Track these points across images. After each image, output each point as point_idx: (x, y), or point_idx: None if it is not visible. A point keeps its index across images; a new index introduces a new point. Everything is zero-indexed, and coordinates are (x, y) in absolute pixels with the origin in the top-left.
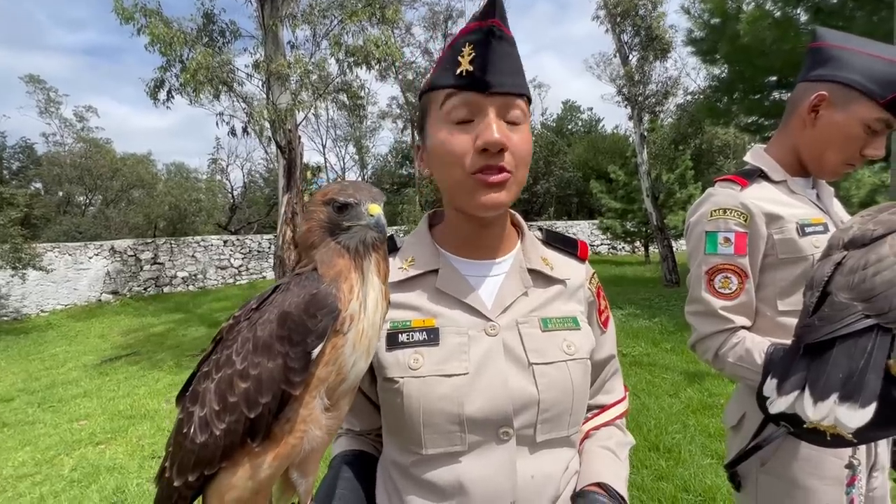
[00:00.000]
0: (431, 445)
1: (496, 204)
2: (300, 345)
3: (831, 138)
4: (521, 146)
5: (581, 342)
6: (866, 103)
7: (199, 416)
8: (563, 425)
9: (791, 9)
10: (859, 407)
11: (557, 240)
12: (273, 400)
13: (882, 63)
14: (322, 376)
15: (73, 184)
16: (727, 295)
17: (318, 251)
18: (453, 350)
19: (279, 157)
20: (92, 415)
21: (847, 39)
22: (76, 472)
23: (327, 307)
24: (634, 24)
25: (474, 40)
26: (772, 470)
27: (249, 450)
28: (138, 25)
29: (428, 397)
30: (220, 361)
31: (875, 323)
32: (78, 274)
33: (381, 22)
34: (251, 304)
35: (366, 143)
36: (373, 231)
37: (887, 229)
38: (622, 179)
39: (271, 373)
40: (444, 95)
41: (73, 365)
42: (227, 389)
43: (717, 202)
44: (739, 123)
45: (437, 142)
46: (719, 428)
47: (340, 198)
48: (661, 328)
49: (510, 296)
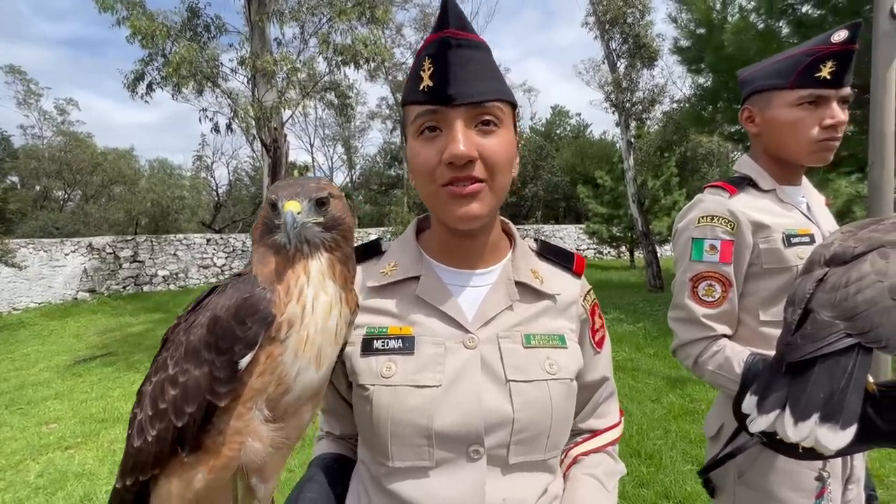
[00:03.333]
0: (398, 458)
1: (471, 216)
2: (226, 353)
3: (778, 131)
4: (496, 151)
5: (566, 362)
6: (779, 94)
7: (139, 419)
8: (539, 448)
9: (774, 21)
10: (840, 428)
11: (552, 252)
12: (198, 410)
13: (773, 63)
14: (257, 387)
15: (51, 178)
16: (710, 303)
17: (257, 249)
18: (428, 360)
19: (264, 156)
20: (62, 418)
21: (752, 66)
22: (42, 478)
23: (259, 313)
24: (623, 31)
25: (432, 53)
26: (749, 481)
27: (180, 459)
28: (118, 16)
29: (397, 408)
30: (158, 365)
31: (856, 342)
32: (53, 271)
33: (371, 21)
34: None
35: (354, 143)
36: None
37: (868, 247)
38: (609, 185)
39: (197, 381)
40: (414, 110)
41: (44, 365)
42: (158, 395)
43: (705, 209)
44: (723, 132)
45: (410, 155)
46: (700, 434)
47: (271, 195)
48: (645, 333)
49: (493, 308)
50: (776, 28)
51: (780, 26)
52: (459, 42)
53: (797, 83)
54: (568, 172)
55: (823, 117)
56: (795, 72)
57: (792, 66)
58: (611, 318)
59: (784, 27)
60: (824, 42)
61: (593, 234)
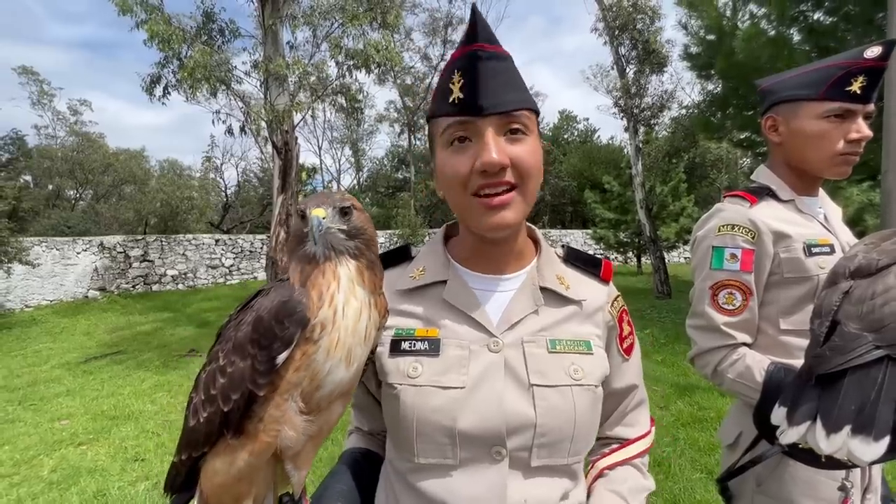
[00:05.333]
0: (423, 455)
1: (503, 225)
2: (266, 349)
3: (803, 143)
4: (526, 158)
5: (591, 368)
6: (807, 105)
7: (194, 402)
8: (562, 453)
9: (785, 28)
10: (873, 440)
11: (578, 258)
12: (241, 398)
13: (805, 74)
14: (293, 381)
15: (63, 177)
16: (730, 311)
17: (291, 258)
18: (452, 363)
19: (275, 158)
20: (74, 414)
21: (777, 76)
22: (56, 473)
23: (295, 315)
24: (632, 37)
25: (461, 66)
26: (767, 490)
27: (226, 441)
28: (137, 19)
29: (422, 407)
30: (212, 355)
31: (886, 354)
32: (65, 269)
33: (382, 27)
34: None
35: (362, 146)
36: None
37: (892, 259)
38: (616, 190)
39: (241, 372)
40: (443, 122)
41: (56, 362)
42: (210, 382)
43: (725, 217)
44: (732, 139)
45: (440, 165)
46: (709, 442)
47: (300, 206)
48: (653, 340)
49: (518, 313)
50: (787, 35)
51: (791, 33)
52: (489, 55)
53: (827, 95)
54: (575, 177)
55: (849, 131)
56: (826, 84)
57: (823, 78)
58: None
59: (795, 34)
60: (857, 57)
61: (600, 239)
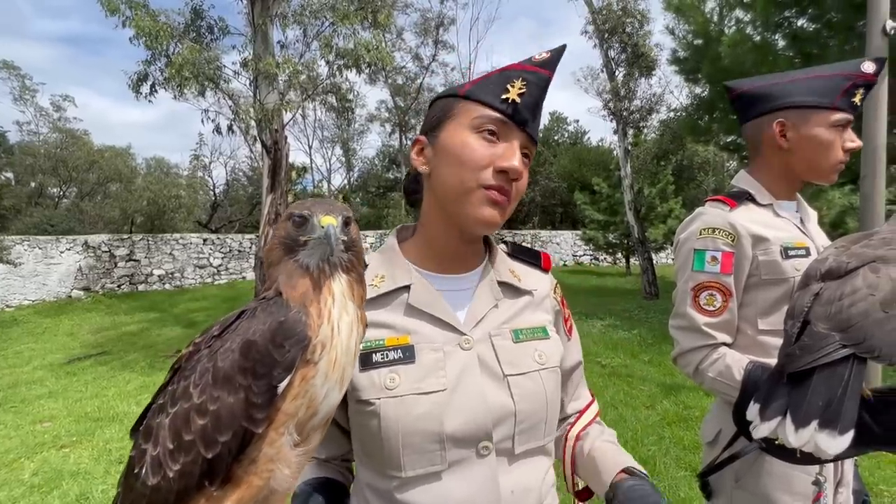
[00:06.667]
0: (411, 467)
1: (493, 222)
2: (265, 377)
3: (813, 150)
4: (524, 182)
5: (551, 351)
6: (820, 113)
7: (152, 454)
8: (539, 434)
9: (770, 34)
10: (838, 434)
11: (522, 252)
12: (233, 438)
13: (812, 79)
14: (290, 411)
15: (46, 175)
16: (711, 312)
17: (279, 270)
18: (430, 367)
19: (264, 157)
20: (56, 416)
21: (766, 78)
22: (37, 476)
23: (296, 336)
24: (622, 40)
25: (529, 80)
26: (745, 485)
27: (207, 494)
28: (123, 17)
29: (406, 417)
30: (177, 394)
31: (851, 352)
32: (48, 268)
33: (373, 26)
34: (213, 329)
35: (353, 145)
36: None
37: (860, 262)
38: (605, 192)
39: (232, 408)
40: (480, 110)
41: (38, 363)
42: (182, 426)
43: (706, 221)
44: (719, 142)
45: (457, 142)
46: (694, 440)
47: (297, 211)
48: (640, 340)
49: (482, 309)
50: (772, 41)
51: (775, 39)
52: (547, 88)
53: (839, 105)
54: (565, 178)
55: (846, 141)
56: (838, 94)
57: (836, 88)
58: (606, 324)
59: (780, 40)
60: (856, 69)
61: (590, 240)
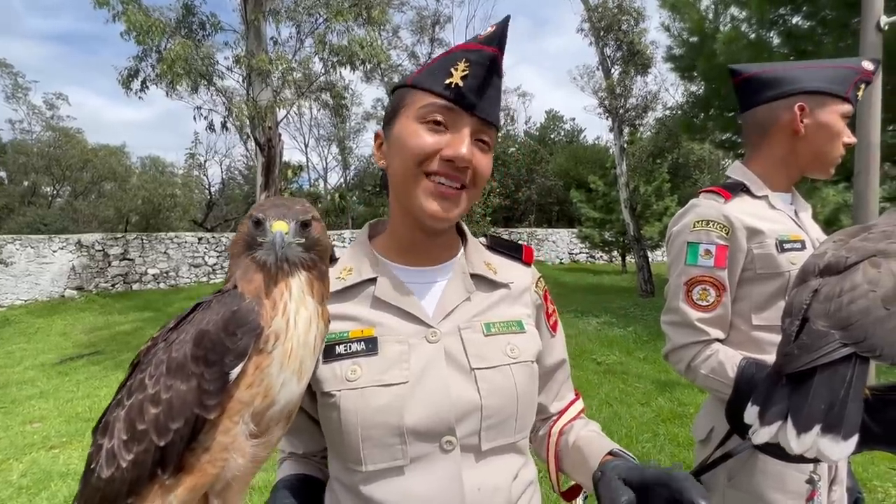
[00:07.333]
0: (371, 461)
1: (444, 217)
2: (216, 364)
3: (825, 138)
4: (484, 167)
5: (526, 345)
6: (834, 101)
7: (107, 448)
8: (508, 431)
9: (765, 32)
10: (842, 439)
11: (502, 245)
12: (185, 426)
13: (827, 68)
14: (245, 399)
15: (39, 174)
16: (704, 307)
17: (238, 265)
18: (393, 359)
19: (258, 155)
20: (47, 417)
21: (776, 64)
22: (26, 477)
23: (248, 324)
24: (617, 38)
25: (473, 60)
26: (738, 484)
27: (160, 482)
28: (114, 11)
29: (365, 409)
30: (133, 387)
31: (852, 351)
32: (40, 268)
33: (368, 23)
34: (170, 323)
35: (349, 143)
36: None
37: (860, 256)
38: (601, 190)
39: (184, 396)
40: (426, 98)
41: (30, 363)
42: (136, 417)
43: (700, 213)
44: (714, 140)
45: (404, 133)
46: (688, 437)
47: (254, 213)
48: (636, 337)
49: (452, 301)
50: (767, 38)
51: (770, 37)
52: (498, 66)
53: (849, 96)
54: (561, 177)
55: (845, 135)
56: (849, 85)
57: (849, 79)
58: (602, 321)
59: (775, 38)
60: (859, 65)
61: (586, 238)
